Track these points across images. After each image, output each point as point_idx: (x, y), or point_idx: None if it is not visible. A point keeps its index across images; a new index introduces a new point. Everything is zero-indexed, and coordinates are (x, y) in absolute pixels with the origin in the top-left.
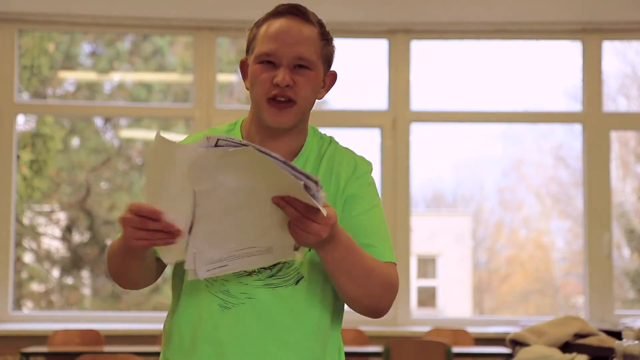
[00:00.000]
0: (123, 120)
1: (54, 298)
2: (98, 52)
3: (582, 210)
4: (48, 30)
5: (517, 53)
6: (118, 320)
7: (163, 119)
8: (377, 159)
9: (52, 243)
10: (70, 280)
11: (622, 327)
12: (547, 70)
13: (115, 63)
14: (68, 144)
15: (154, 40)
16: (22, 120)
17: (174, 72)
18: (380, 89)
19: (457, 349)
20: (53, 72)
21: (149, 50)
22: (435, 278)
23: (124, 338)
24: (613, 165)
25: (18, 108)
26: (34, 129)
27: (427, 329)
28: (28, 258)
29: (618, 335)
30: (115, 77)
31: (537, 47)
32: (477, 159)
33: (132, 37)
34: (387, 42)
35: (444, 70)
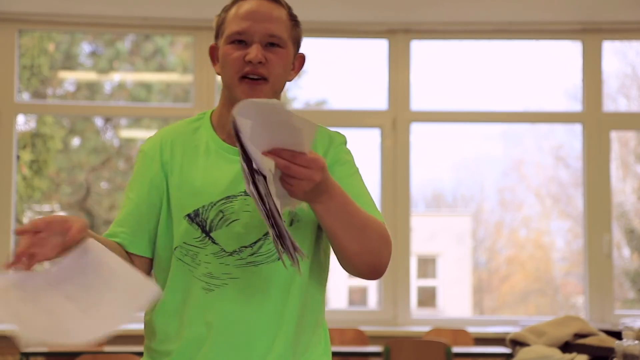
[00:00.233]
0: (123, 120)
1: None
2: (98, 52)
3: (582, 211)
4: (48, 30)
5: (517, 53)
6: None
7: (163, 119)
8: (377, 159)
9: None
10: None
11: (622, 327)
12: (547, 70)
13: (115, 63)
14: (68, 144)
15: (155, 40)
16: (22, 120)
17: (174, 72)
18: (380, 89)
19: (457, 349)
20: (53, 72)
21: (150, 50)
22: (435, 278)
23: (124, 338)
24: (613, 165)
25: (18, 108)
26: (34, 129)
27: (427, 329)
28: None
29: (618, 335)
30: (116, 77)
31: (537, 47)
32: (477, 159)
33: (132, 37)
34: (387, 42)
35: (444, 70)
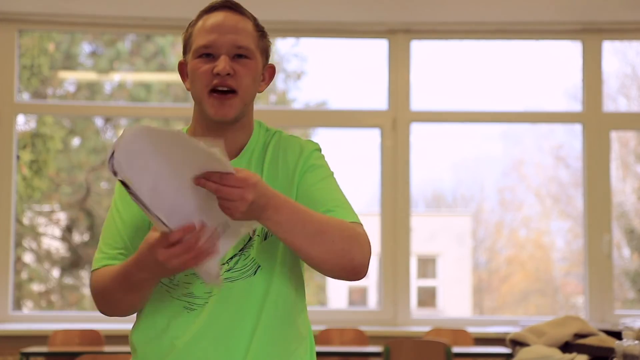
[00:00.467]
0: (123, 120)
1: (54, 298)
2: (98, 52)
3: (582, 211)
4: (48, 30)
5: (517, 53)
6: (118, 320)
7: (163, 119)
8: (377, 159)
9: (52, 243)
10: (70, 280)
11: (622, 327)
12: (547, 70)
13: (116, 63)
14: (68, 144)
15: (156, 41)
16: (22, 120)
17: (174, 72)
18: (380, 89)
19: (457, 349)
20: (53, 72)
21: (151, 51)
22: (435, 278)
23: (124, 338)
24: (613, 165)
25: (18, 108)
26: (34, 129)
27: (427, 329)
28: (28, 258)
29: (618, 335)
30: (116, 77)
31: (537, 47)
32: (477, 159)
33: (132, 37)
34: (387, 42)
35: (444, 70)
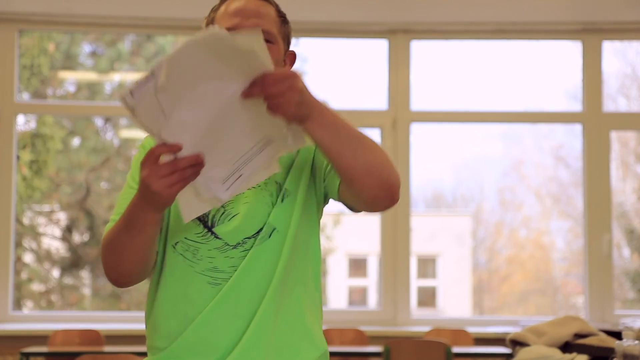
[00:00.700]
0: (123, 120)
1: (54, 298)
2: (98, 52)
3: (582, 210)
4: (48, 30)
5: (517, 53)
6: (118, 320)
7: None
8: None
9: (52, 243)
10: (70, 280)
11: (622, 327)
12: (547, 70)
13: (116, 64)
14: (68, 144)
15: (157, 41)
16: (22, 120)
17: None
18: (380, 89)
19: (457, 349)
20: (53, 72)
21: (152, 51)
22: (435, 278)
23: (124, 338)
24: (613, 165)
25: (18, 108)
26: (34, 129)
27: (427, 329)
28: (28, 258)
29: (618, 335)
30: (116, 77)
31: (537, 47)
32: (477, 159)
33: (133, 37)
34: (387, 42)
35: (444, 70)
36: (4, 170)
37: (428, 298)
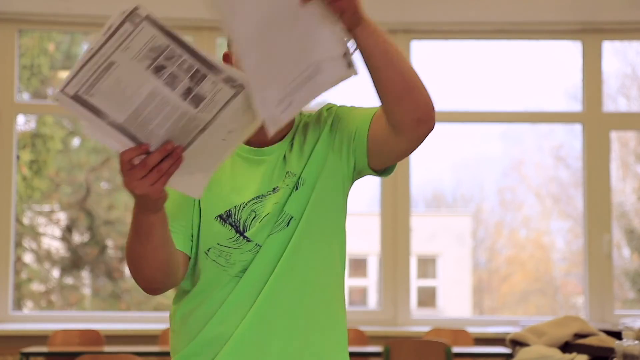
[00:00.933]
0: None
1: (54, 298)
2: None
3: (582, 211)
4: (48, 30)
5: (517, 53)
6: (118, 320)
7: None
8: None
9: (52, 243)
10: (70, 280)
11: (622, 327)
12: (547, 70)
13: None
14: (68, 144)
15: None
16: (22, 120)
17: None
18: None
19: (457, 349)
20: (53, 72)
21: None
22: (435, 278)
23: (124, 338)
24: (613, 165)
25: (18, 108)
26: (34, 129)
27: (427, 329)
28: (28, 258)
29: (618, 335)
30: None
31: (537, 47)
32: (477, 159)
33: None
34: None
35: (444, 70)
36: (4, 170)
37: (428, 298)
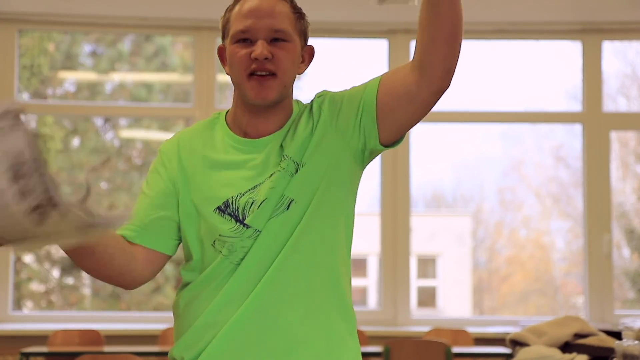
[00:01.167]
0: (123, 120)
1: (54, 298)
2: (98, 52)
3: (582, 211)
4: (48, 30)
5: (517, 53)
6: (118, 320)
7: (163, 119)
8: (377, 159)
9: None
10: (70, 280)
11: (622, 327)
12: (547, 70)
13: (117, 64)
14: (68, 144)
15: (157, 40)
16: None
17: (175, 72)
18: None
19: (457, 349)
20: (53, 72)
21: (151, 51)
22: (435, 278)
23: (124, 338)
24: (613, 165)
25: None
26: (34, 129)
27: (427, 329)
28: (28, 258)
29: (618, 335)
30: (116, 77)
31: (537, 47)
32: (477, 159)
33: (132, 37)
34: (387, 42)
35: None
36: None
37: (428, 298)
